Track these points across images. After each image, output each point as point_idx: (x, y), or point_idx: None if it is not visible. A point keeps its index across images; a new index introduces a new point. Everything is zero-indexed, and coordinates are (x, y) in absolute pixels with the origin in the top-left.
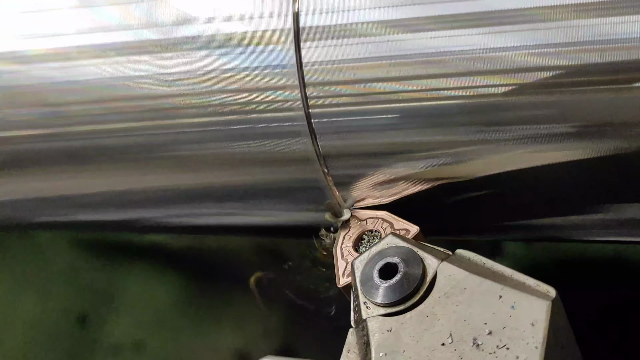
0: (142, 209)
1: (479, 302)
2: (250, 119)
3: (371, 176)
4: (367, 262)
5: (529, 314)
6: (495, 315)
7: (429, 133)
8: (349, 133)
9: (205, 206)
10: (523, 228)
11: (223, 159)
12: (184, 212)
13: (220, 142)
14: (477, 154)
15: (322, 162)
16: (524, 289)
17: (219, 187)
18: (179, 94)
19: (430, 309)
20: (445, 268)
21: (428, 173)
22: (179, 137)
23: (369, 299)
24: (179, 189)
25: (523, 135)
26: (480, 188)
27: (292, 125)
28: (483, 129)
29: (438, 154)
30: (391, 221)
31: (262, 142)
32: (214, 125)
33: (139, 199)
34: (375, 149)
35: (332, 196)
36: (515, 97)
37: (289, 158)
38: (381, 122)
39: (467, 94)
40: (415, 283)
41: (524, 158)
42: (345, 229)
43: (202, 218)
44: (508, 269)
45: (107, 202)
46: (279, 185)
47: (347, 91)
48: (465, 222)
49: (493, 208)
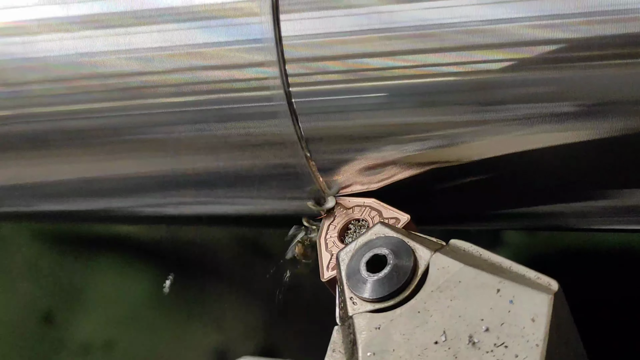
0: (111, 197)
1: (475, 296)
2: (225, 98)
3: (358, 161)
4: (354, 254)
5: (529, 309)
6: (492, 311)
7: (422, 113)
8: (334, 114)
9: (180, 194)
10: (523, 216)
11: (198, 143)
12: (157, 201)
13: (194, 124)
14: (473, 135)
15: (303, 146)
16: (524, 282)
17: (194, 173)
18: (149, 72)
19: (422, 305)
20: (438, 260)
21: (420, 157)
22: (150, 118)
23: (356, 294)
24: (152, 175)
25: (523, 115)
26: (476, 173)
27: (271, 106)
28: (480, 109)
29: (431, 136)
30: (380, 209)
31: (239, 124)
32: (187, 106)
33: (108, 187)
34: (362, 131)
35: (315, 182)
36: (515, 74)
37: (268, 141)
38: (369, 102)
39: (463, 70)
40: (406, 276)
41: (524, 140)
42: (329, 218)
43: (177, 207)
44: (507, 261)
45: (73, 190)
46: (258, 171)
47: (331, 67)
48: (460, 210)
49: (490, 195)
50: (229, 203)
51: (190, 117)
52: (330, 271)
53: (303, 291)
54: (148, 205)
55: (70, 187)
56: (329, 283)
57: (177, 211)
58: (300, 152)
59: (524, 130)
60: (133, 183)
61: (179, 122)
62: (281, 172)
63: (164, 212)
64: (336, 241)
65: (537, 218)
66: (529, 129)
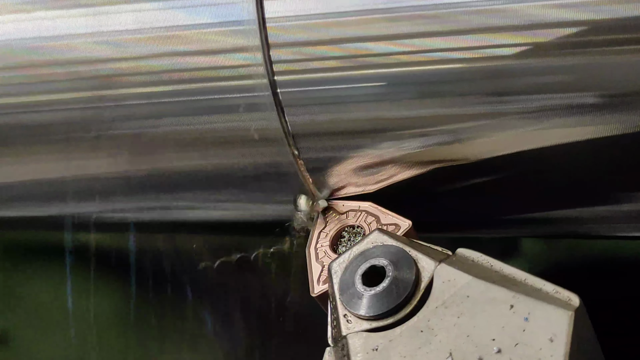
0: (74, 202)
1: (485, 313)
2: (203, 88)
3: (352, 159)
4: (348, 265)
5: (546, 328)
6: (505, 330)
7: (424, 105)
8: (325, 106)
9: (153, 198)
10: (539, 222)
11: (173, 139)
12: (126, 206)
13: (169, 117)
14: (482, 130)
15: (291, 142)
16: (541, 297)
17: (168, 174)
18: (120, 58)
19: (426, 323)
20: (443, 271)
21: (423, 155)
22: (121, 111)
23: (350, 311)
24: (121, 176)
25: (538, 107)
26: (486, 173)
27: (253, 97)
28: (490, 100)
29: (435, 131)
30: (377, 214)
31: (218, 118)
32: (161, 97)
33: (71, 190)
34: (358, 126)
35: (304, 184)
36: (530, 60)
37: (251, 137)
38: (365, 92)
39: (472, 56)
40: (407, 290)
41: (539, 135)
42: (320, 225)
43: (148, 213)
44: (521, 272)
45: (30, 194)
46: (240, 171)
47: (322, 53)
48: (469, 215)
49: (502, 197)
50: (207, 208)
51: (165, 110)
52: (321, 285)
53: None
54: (116, 210)
55: (26, 190)
56: (319, 298)
57: (149, 217)
58: (287, 149)
59: (539, 125)
60: (100, 185)
61: (152, 116)
62: (266, 172)
63: (134, 218)
64: (328, 251)
65: (555, 224)
66: (545, 123)
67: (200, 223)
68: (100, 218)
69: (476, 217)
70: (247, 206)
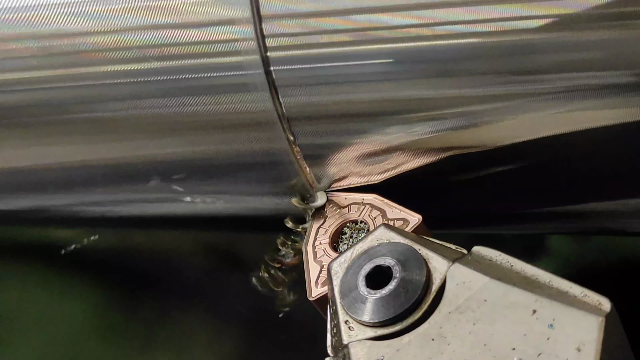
0: (46, 194)
1: (504, 319)
2: (188, 66)
3: (355, 146)
4: (350, 266)
5: (573, 335)
6: (527, 338)
7: (436, 85)
8: (324, 86)
9: (133, 189)
10: (566, 217)
11: (155, 124)
12: (104, 198)
13: (150, 98)
14: (501, 114)
15: (285, 127)
16: (567, 301)
17: (150, 162)
18: (96, 31)
19: (438, 330)
20: (457, 272)
21: (434, 141)
22: (97, 91)
23: (353, 317)
24: (97, 165)
25: (566, 88)
26: (506, 162)
27: (243, 75)
28: (511, 80)
29: (448, 115)
30: (383, 208)
31: (204, 99)
32: (142, 76)
33: (41, 180)
34: (361, 108)
35: (301, 174)
36: (556, 34)
37: (242, 121)
38: (369, 70)
39: (490, 29)
40: (417, 294)
41: (566, 119)
42: (319, 220)
43: (128, 206)
44: (545, 273)
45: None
46: (229, 159)
47: (320, 26)
48: (486, 209)
49: (524, 189)
50: (193, 201)
51: (146, 90)
52: (319, 287)
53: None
54: (92, 203)
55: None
56: (318, 302)
57: (129, 211)
58: (282, 134)
59: (566, 107)
60: (74, 175)
61: (132, 97)
62: (258, 160)
63: (113, 212)
64: (327, 249)
65: (585, 219)
66: (574, 105)
67: (185, 218)
68: (75, 212)
69: (495, 212)
70: (236, 199)
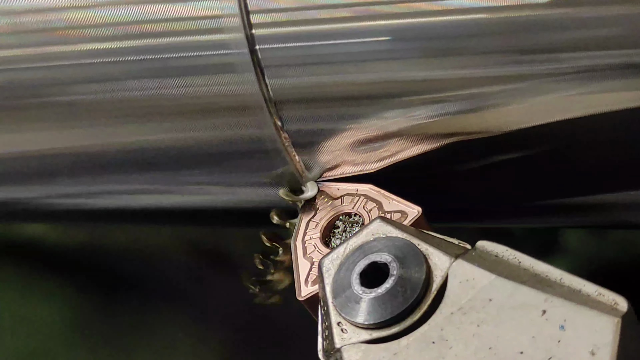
0: (11, 185)
1: (511, 320)
2: (165, 45)
3: (349, 132)
4: (343, 262)
5: (586, 338)
6: (536, 341)
7: (437, 65)
8: (314, 66)
9: (109, 180)
10: (582, 210)
11: (130, 108)
12: (76, 190)
13: (126, 80)
14: (510, 96)
15: (272, 111)
16: (580, 300)
17: (128, 150)
18: (70, 6)
19: (438, 332)
20: (460, 269)
21: (435, 126)
22: (69, 72)
23: (346, 318)
24: (69, 153)
25: (581, 68)
26: (514, 149)
27: (226, 55)
28: (519, 59)
29: (451, 97)
30: (379, 199)
31: (183, 82)
32: (116, 55)
33: (6, 171)
34: (355, 90)
35: (289, 162)
36: (570, 9)
37: (225, 105)
38: (364, 49)
39: (495, 4)
40: (416, 292)
41: (583, 102)
42: (309, 213)
43: (104, 199)
44: (555, 270)
45: None
46: (212, 147)
47: (311, 0)
48: (492, 200)
49: (534, 179)
50: (174, 192)
51: (121, 71)
52: (309, 286)
53: (275, 314)
54: (64, 195)
55: None
56: (308, 302)
57: (104, 204)
58: (268, 119)
59: (583, 89)
60: (43, 164)
61: (106, 78)
62: (243, 148)
63: (87, 205)
64: (318, 244)
65: (604, 211)
66: (590, 87)
67: (165, 211)
68: (44, 205)
69: (502, 204)
70: (219, 190)
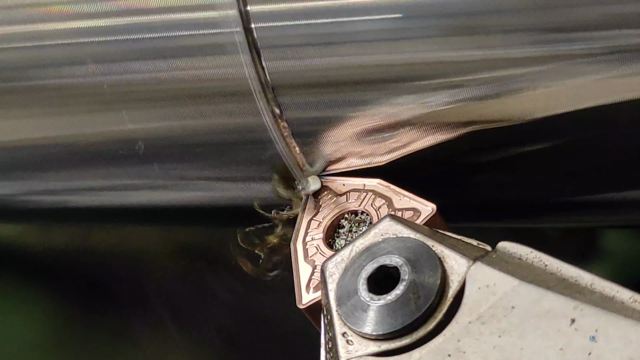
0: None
1: (536, 330)
2: (152, 23)
3: (354, 120)
4: (349, 266)
5: (620, 350)
6: (564, 353)
7: (454, 45)
8: (316, 47)
9: (89, 174)
10: (622, 207)
11: (113, 93)
12: (53, 186)
13: (110, 63)
14: (534, 80)
15: (269, 97)
16: (613, 308)
17: (110, 140)
18: None
19: (455, 344)
20: (479, 273)
21: (451, 114)
22: (43, 54)
23: (352, 328)
24: (44, 144)
25: (612, 48)
26: (540, 139)
27: (219, 34)
28: (545, 38)
29: (467, 82)
30: (389, 196)
31: (172, 64)
32: (99, 35)
33: None
34: (362, 74)
35: (288, 154)
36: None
37: (216, 90)
38: (372, 27)
39: None
40: (430, 300)
41: (615, 86)
42: (310, 211)
43: (83, 196)
44: (586, 274)
45: None
46: (200, 137)
47: None
48: (515, 196)
49: (563, 172)
50: (161, 188)
51: (106, 52)
52: (311, 293)
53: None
54: (44, 192)
55: None
56: (309, 311)
57: (84, 202)
58: (265, 106)
59: (613, 72)
60: (14, 157)
61: (87, 61)
62: (236, 138)
63: (65, 203)
64: (321, 246)
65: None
66: (622, 70)
67: (152, 209)
68: (14, 204)
69: (526, 200)
70: (212, 185)
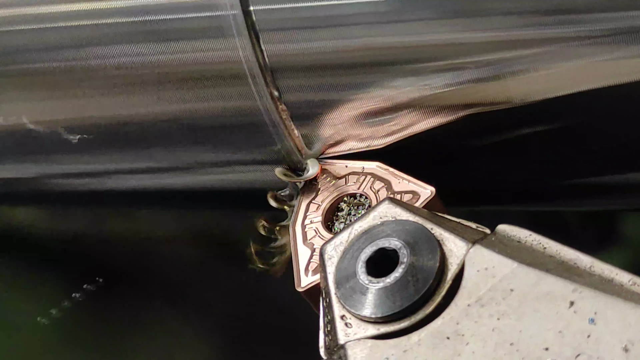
0: (1, 164)
1: (535, 313)
2: (149, 5)
3: (353, 103)
4: (348, 249)
5: (619, 333)
6: (562, 335)
7: (454, 27)
8: (315, 29)
9: (98, 158)
10: (623, 191)
11: (115, 77)
12: (64, 169)
13: (107, 45)
14: (534, 62)
15: (268, 80)
16: (612, 290)
17: (113, 124)
18: None
19: (454, 326)
20: (478, 256)
21: (452, 96)
22: (42, 37)
23: (351, 311)
24: (54, 128)
25: (616, 30)
26: (540, 121)
27: (217, 17)
28: (545, 20)
29: (468, 64)
30: (388, 178)
31: (169, 47)
32: (96, 18)
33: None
34: (361, 56)
35: (287, 137)
36: None
37: (215, 74)
38: (371, 10)
39: None
40: (428, 282)
41: (616, 69)
42: (309, 194)
43: (93, 180)
44: (585, 257)
45: None
46: (201, 120)
47: None
48: (515, 180)
49: (564, 155)
50: (164, 172)
51: (102, 35)
52: (310, 275)
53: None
54: (49, 176)
55: None
56: (308, 294)
57: (92, 186)
58: (264, 89)
59: (619, 53)
60: (17, 140)
61: (86, 43)
62: (235, 122)
63: (76, 186)
64: (320, 229)
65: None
66: (625, 51)
67: (159, 193)
68: (20, 187)
69: (526, 183)
70: (210, 170)
